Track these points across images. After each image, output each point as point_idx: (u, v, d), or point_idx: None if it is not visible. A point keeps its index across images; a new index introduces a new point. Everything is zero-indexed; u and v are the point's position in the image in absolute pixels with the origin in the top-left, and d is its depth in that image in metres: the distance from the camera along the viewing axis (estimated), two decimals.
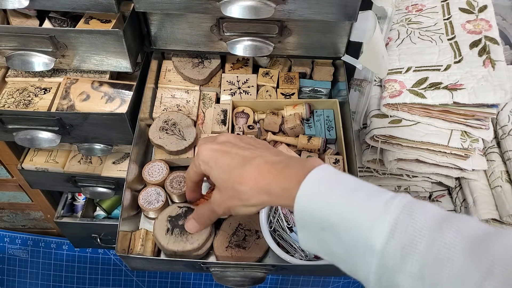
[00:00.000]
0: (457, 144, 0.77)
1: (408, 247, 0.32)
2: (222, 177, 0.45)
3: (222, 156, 0.46)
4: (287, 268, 0.67)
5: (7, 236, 1.34)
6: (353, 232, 0.34)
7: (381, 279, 0.33)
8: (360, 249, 0.34)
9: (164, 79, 0.84)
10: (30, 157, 0.96)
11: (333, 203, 0.36)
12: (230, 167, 0.44)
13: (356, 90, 0.86)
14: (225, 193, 0.46)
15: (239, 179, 0.43)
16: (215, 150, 0.47)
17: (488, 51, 0.79)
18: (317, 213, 0.37)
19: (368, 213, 0.34)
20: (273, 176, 0.41)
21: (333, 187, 0.37)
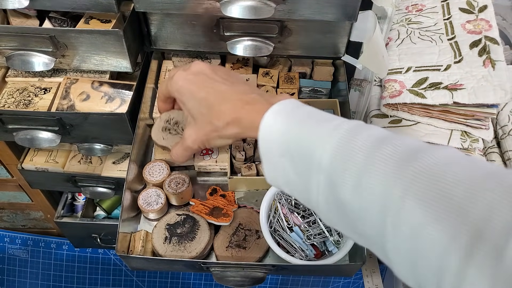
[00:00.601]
0: (457, 144, 0.77)
1: (349, 161, 0.34)
2: (200, 111, 0.47)
3: (199, 89, 0.47)
4: (287, 268, 0.67)
5: (7, 236, 1.34)
6: (306, 153, 0.37)
7: (328, 197, 0.36)
8: (310, 171, 0.37)
9: (164, 79, 0.84)
10: (30, 157, 0.96)
11: (289, 129, 0.39)
12: (208, 102, 0.46)
13: (356, 90, 0.86)
14: (201, 126, 0.48)
15: (217, 114, 0.46)
16: (191, 82, 0.48)
17: (488, 51, 0.79)
18: (276, 141, 0.40)
19: (318, 135, 0.37)
20: (245, 111, 0.44)
21: (290, 116, 0.40)
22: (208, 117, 0.47)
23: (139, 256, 0.65)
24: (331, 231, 0.68)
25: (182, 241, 0.66)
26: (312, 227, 0.68)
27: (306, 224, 0.69)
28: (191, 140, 0.50)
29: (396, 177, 0.31)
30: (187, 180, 0.72)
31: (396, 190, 0.31)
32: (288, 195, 0.71)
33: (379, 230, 0.32)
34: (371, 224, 0.33)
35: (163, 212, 0.72)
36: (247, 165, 0.74)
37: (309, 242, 0.67)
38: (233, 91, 0.46)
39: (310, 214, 0.70)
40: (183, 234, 0.67)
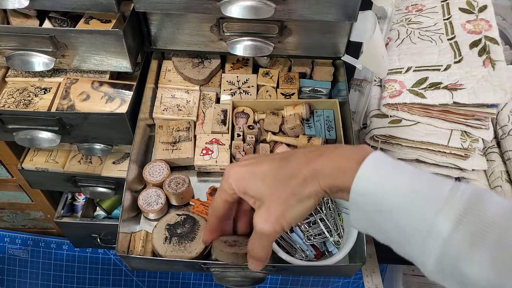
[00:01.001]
0: (457, 144, 0.77)
1: (478, 235, 0.31)
2: (268, 184, 0.40)
3: (257, 166, 0.42)
4: (287, 269, 0.67)
5: (7, 236, 1.34)
6: (415, 217, 0.34)
7: (442, 265, 0.33)
8: (420, 235, 0.33)
9: (164, 79, 0.84)
10: (30, 157, 0.96)
11: (396, 187, 0.35)
12: (273, 171, 0.41)
13: (356, 90, 0.86)
14: (274, 199, 0.40)
15: (288, 173, 0.40)
16: (246, 165, 0.43)
17: (488, 51, 0.79)
18: (376, 196, 0.35)
19: (433, 198, 0.33)
20: (324, 159, 0.39)
21: (395, 170, 0.36)
22: (279, 185, 0.40)
23: (139, 256, 0.65)
24: (331, 232, 0.68)
25: (182, 241, 0.66)
26: (312, 228, 0.68)
27: (306, 224, 0.69)
28: (264, 222, 0.40)
29: None
30: (187, 180, 0.71)
31: None
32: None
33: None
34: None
35: (163, 212, 0.72)
36: None
37: (309, 243, 0.67)
38: (297, 150, 0.42)
39: (310, 215, 0.70)
40: (183, 234, 0.67)
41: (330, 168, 0.38)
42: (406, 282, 1.29)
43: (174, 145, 0.76)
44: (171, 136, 0.77)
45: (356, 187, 0.36)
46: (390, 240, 0.37)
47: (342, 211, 0.71)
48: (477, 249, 0.31)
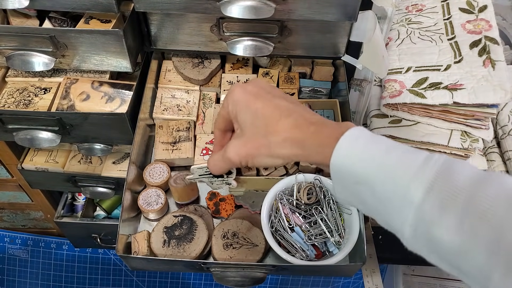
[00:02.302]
0: (457, 144, 0.77)
1: (447, 200, 0.32)
2: (253, 122, 0.42)
3: (255, 99, 0.43)
4: (287, 268, 0.67)
5: (7, 236, 1.34)
6: (390, 186, 0.35)
7: (417, 231, 0.34)
8: (396, 202, 0.35)
9: (164, 79, 0.84)
10: (30, 157, 0.96)
11: (371, 158, 0.36)
12: (265, 114, 0.42)
13: (356, 90, 0.86)
14: (251, 139, 0.43)
15: (273, 128, 0.41)
16: (248, 93, 0.43)
17: (488, 51, 0.79)
18: (353, 168, 0.37)
19: (406, 167, 0.34)
20: (310, 133, 0.40)
21: (370, 143, 0.37)
22: (262, 130, 0.42)
23: (139, 256, 0.65)
24: (332, 232, 0.68)
25: (181, 243, 0.66)
26: (313, 228, 0.68)
27: (307, 224, 0.69)
28: (235, 151, 0.44)
29: (505, 222, 0.30)
30: None
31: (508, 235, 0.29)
32: (290, 195, 0.71)
33: (484, 271, 0.31)
34: (473, 265, 0.31)
35: (163, 212, 0.72)
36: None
37: (310, 243, 0.67)
38: (295, 108, 0.42)
39: (311, 215, 0.70)
40: (181, 236, 0.67)
41: (313, 144, 0.40)
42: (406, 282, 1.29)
43: (174, 145, 0.76)
44: (171, 136, 0.77)
45: (334, 162, 0.38)
46: (372, 211, 0.38)
47: (343, 212, 0.71)
48: (446, 215, 0.32)
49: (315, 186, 0.71)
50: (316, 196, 0.70)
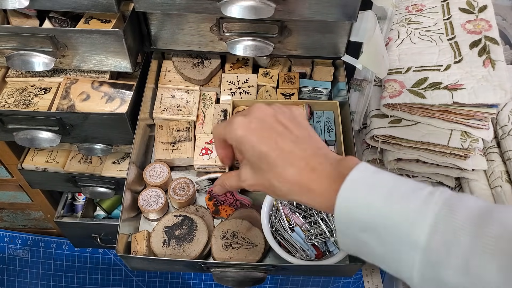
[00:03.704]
0: (457, 144, 0.77)
1: (452, 241, 0.32)
2: (260, 166, 0.43)
3: (260, 142, 0.42)
4: (287, 268, 0.67)
5: (7, 236, 1.34)
6: (395, 230, 0.35)
7: (425, 275, 0.33)
8: (402, 247, 0.34)
9: (164, 79, 0.84)
10: (30, 157, 0.96)
11: (373, 204, 0.36)
12: (270, 160, 0.42)
13: (356, 90, 0.86)
14: (260, 177, 0.43)
15: (279, 177, 0.41)
16: (252, 132, 0.43)
17: (488, 51, 0.79)
18: (357, 216, 0.37)
19: (408, 210, 0.34)
20: (314, 181, 0.40)
21: (372, 188, 0.37)
22: (268, 176, 0.42)
23: (139, 256, 0.65)
24: (332, 232, 0.68)
25: (181, 243, 0.66)
26: (313, 228, 0.68)
27: (307, 224, 0.69)
28: (248, 185, 0.45)
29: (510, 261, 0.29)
30: (191, 186, 0.72)
31: None
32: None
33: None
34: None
35: (163, 212, 0.72)
36: None
37: (310, 243, 0.67)
38: (298, 151, 0.42)
39: (312, 215, 0.70)
40: (181, 236, 0.67)
41: (318, 192, 0.40)
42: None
43: (174, 145, 0.76)
44: (171, 136, 0.77)
45: (338, 211, 0.37)
46: (378, 259, 0.38)
47: None
48: (451, 256, 0.32)
49: None
50: None
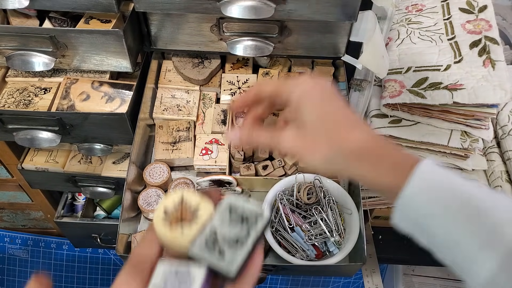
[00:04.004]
0: (457, 144, 0.77)
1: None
2: (320, 124, 0.38)
3: (329, 101, 0.38)
4: (287, 268, 0.67)
5: (7, 236, 1.33)
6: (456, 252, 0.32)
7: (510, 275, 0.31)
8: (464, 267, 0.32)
9: (164, 79, 0.84)
10: (30, 157, 0.96)
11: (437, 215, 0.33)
12: (336, 120, 0.37)
13: (356, 90, 0.86)
14: (314, 138, 0.38)
15: (344, 136, 0.36)
16: (321, 90, 0.39)
17: (488, 51, 0.79)
18: (419, 218, 0.34)
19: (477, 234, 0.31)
20: (384, 150, 0.36)
21: (439, 196, 0.33)
22: (329, 134, 0.37)
23: None
24: (332, 232, 0.68)
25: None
26: (313, 228, 0.68)
27: (307, 224, 0.69)
28: (291, 142, 0.39)
29: None
30: (191, 186, 0.72)
31: None
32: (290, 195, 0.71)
33: None
34: None
35: None
36: (246, 165, 0.74)
37: (310, 243, 0.67)
38: (365, 125, 0.38)
39: (311, 215, 0.70)
40: None
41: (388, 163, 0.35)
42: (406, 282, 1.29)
43: (174, 145, 0.76)
44: (171, 136, 0.77)
45: (407, 191, 0.33)
46: (436, 246, 0.34)
47: (343, 212, 0.71)
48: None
49: (315, 186, 0.71)
50: (316, 196, 0.70)
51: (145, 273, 0.28)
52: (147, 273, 0.28)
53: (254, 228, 0.27)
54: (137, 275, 0.28)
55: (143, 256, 0.29)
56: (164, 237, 0.27)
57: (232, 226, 0.27)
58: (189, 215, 0.27)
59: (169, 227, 0.27)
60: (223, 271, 0.25)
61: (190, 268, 0.26)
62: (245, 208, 0.28)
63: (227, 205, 0.28)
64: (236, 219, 0.28)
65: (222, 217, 0.28)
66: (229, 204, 0.28)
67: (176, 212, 0.27)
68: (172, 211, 0.27)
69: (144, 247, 0.30)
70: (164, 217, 0.27)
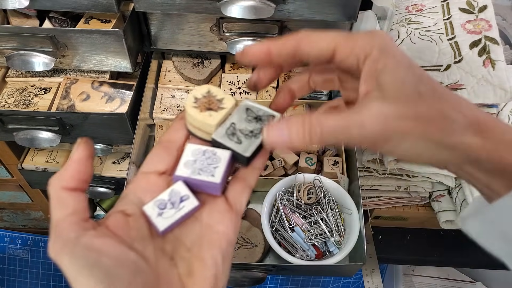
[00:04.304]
0: None
1: None
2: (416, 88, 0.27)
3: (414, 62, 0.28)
4: (287, 268, 0.67)
5: (7, 236, 1.33)
6: None
7: None
8: None
9: (164, 79, 0.84)
10: (30, 157, 0.96)
11: None
12: (433, 82, 0.27)
13: None
14: (412, 108, 0.26)
15: (453, 103, 0.27)
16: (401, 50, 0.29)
17: (488, 51, 0.79)
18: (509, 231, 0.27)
19: None
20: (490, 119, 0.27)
21: None
22: (430, 100, 0.26)
23: None
24: (332, 232, 0.68)
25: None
26: (313, 228, 0.68)
27: (307, 224, 0.69)
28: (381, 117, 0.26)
29: None
30: None
31: None
32: (290, 195, 0.71)
33: None
34: None
35: None
36: None
37: (310, 243, 0.67)
38: None
39: (312, 215, 0.70)
40: None
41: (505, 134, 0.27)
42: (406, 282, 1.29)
43: None
44: None
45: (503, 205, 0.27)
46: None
47: (343, 212, 0.71)
48: None
49: (315, 186, 0.71)
50: (316, 196, 0.70)
51: (175, 153, 0.32)
52: (175, 154, 0.32)
53: None
54: (168, 153, 0.32)
55: (172, 140, 0.32)
56: (195, 119, 0.31)
57: (248, 122, 0.31)
58: (215, 104, 0.31)
59: (199, 110, 0.31)
60: (240, 154, 0.30)
61: (216, 150, 0.30)
62: (260, 109, 0.32)
63: (245, 105, 0.32)
64: (252, 117, 0.32)
65: (240, 114, 0.32)
66: (246, 105, 0.32)
67: (204, 99, 0.31)
68: (201, 98, 0.32)
69: (172, 133, 0.33)
70: (194, 102, 0.31)
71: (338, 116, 0.27)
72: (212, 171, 0.29)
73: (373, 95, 0.27)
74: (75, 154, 0.28)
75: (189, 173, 0.29)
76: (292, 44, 0.30)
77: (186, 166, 0.29)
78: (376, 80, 0.27)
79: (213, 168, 0.29)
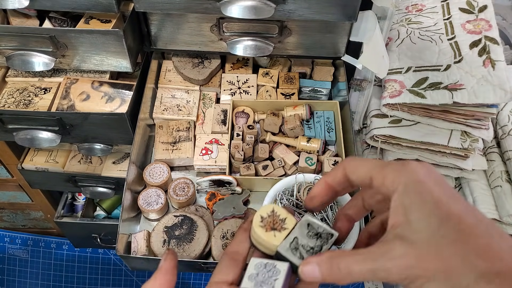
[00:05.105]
0: (457, 144, 0.77)
1: None
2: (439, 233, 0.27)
3: (450, 199, 0.28)
4: None
5: (7, 236, 1.34)
6: None
7: None
8: None
9: (164, 79, 0.84)
10: (30, 157, 0.96)
11: None
12: (465, 226, 0.27)
13: (356, 90, 0.86)
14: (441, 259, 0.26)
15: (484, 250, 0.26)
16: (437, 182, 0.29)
17: (488, 51, 0.79)
18: None
19: None
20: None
21: None
22: (452, 246, 0.26)
23: (139, 256, 0.65)
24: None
25: (181, 243, 0.66)
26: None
27: None
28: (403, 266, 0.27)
29: None
30: (191, 186, 0.72)
31: None
32: (290, 195, 0.71)
33: None
34: None
35: (163, 212, 0.72)
36: (246, 165, 0.74)
37: None
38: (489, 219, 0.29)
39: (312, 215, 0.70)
40: (181, 236, 0.67)
41: None
42: None
43: (174, 145, 0.76)
44: (171, 136, 0.77)
45: None
46: None
47: None
48: None
49: None
50: None
51: (239, 265, 0.35)
52: (241, 265, 0.35)
53: (325, 244, 0.35)
54: (235, 264, 0.35)
55: (237, 252, 0.36)
56: (260, 237, 0.35)
57: (309, 238, 0.35)
58: (278, 224, 0.36)
59: (264, 230, 0.35)
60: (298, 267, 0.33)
61: (276, 262, 0.34)
62: (320, 226, 0.36)
63: (306, 221, 0.36)
64: (313, 233, 0.36)
65: (302, 229, 0.36)
66: (307, 220, 0.36)
67: (269, 219, 0.36)
68: (266, 218, 0.36)
69: (238, 245, 0.37)
70: (261, 221, 0.35)
71: (367, 259, 0.29)
72: (273, 283, 0.33)
73: (398, 232, 0.29)
74: (164, 265, 0.34)
75: (252, 285, 0.33)
76: (341, 171, 0.34)
77: (250, 279, 0.33)
78: (401, 216, 0.29)
79: (273, 280, 0.33)
